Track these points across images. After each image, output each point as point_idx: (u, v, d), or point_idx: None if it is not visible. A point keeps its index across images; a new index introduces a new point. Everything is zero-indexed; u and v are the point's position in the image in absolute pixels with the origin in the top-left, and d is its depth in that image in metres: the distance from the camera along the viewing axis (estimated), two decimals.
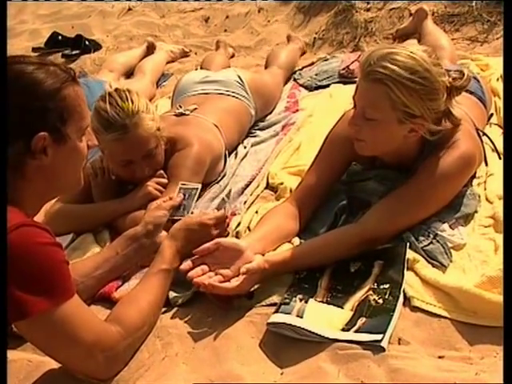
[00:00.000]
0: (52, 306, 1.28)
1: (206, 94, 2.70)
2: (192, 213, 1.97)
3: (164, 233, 1.85)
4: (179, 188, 2.03)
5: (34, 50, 4.43)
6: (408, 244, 1.71)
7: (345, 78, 3.17)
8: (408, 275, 1.62)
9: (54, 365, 1.48)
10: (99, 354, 1.37)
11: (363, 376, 1.34)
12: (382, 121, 1.73)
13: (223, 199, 2.18)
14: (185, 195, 2.00)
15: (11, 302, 1.24)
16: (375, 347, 1.40)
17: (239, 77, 2.81)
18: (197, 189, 2.02)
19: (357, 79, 1.82)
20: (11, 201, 1.31)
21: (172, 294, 1.70)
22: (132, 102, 2.08)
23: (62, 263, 1.32)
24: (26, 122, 1.32)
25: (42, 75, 1.34)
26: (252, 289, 1.66)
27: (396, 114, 1.71)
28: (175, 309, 1.68)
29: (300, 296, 1.60)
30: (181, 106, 2.53)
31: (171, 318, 1.64)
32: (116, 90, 2.16)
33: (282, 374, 1.41)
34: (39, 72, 1.34)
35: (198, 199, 2.05)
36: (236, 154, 2.58)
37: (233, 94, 2.73)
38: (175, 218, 1.92)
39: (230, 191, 2.26)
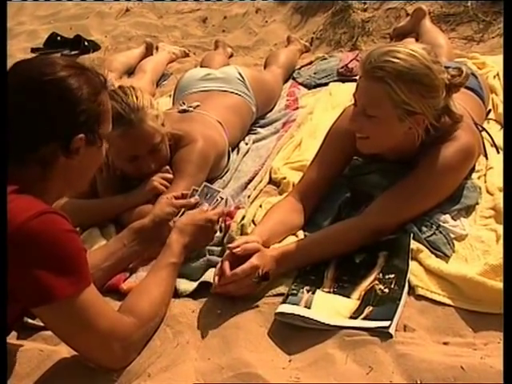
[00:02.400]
0: (77, 290, 1.31)
1: (208, 91, 2.73)
2: None
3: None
4: (204, 186, 1.97)
5: (33, 50, 4.44)
6: (412, 235, 1.73)
7: (343, 76, 3.21)
8: (412, 265, 1.65)
9: (66, 354, 1.49)
10: (115, 343, 1.39)
11: (371, 361, 1.37)
12: (382, 118, 1.75)
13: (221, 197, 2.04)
14: (207, 194, 1.95)
15: (36, 288, 1.26)
16: (382, 334, 1.43)
17: (240, 74, 2.85)
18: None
19: (355, 77, 1.84)
20: (33, 192, 1.34)
21: (180, 285, 1.73)
22: (136, 98, 2.10)
23: (82, 251, 1.35)
24: (67, 126, 1.38)
25: (80, 81, 1.39)
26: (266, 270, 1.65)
27: (397, 112, 1.73)
28: (184, 299, 1.70)
29: (307, 287, 1.62)
30: (184, 103, 2.55)
31: (180, 308, 1.66)
32: (120, 86, 2.18)
33: (290, 361, 1.44)
34: (77, 78, 1.39)
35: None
36: (238, 151, 2.61)
37: (235, 91, 2.76)
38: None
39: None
